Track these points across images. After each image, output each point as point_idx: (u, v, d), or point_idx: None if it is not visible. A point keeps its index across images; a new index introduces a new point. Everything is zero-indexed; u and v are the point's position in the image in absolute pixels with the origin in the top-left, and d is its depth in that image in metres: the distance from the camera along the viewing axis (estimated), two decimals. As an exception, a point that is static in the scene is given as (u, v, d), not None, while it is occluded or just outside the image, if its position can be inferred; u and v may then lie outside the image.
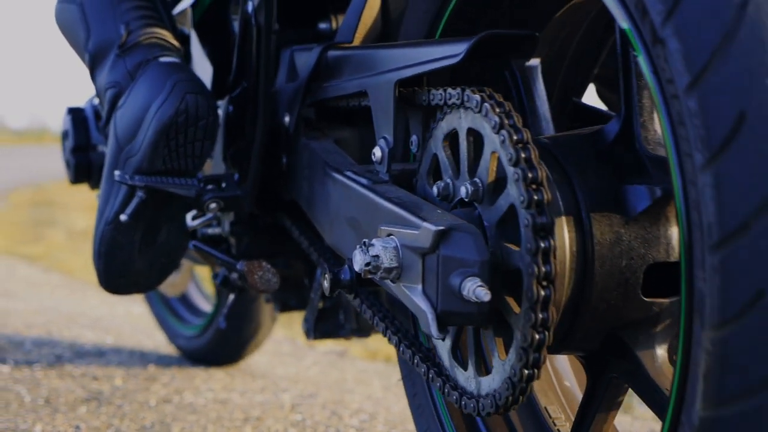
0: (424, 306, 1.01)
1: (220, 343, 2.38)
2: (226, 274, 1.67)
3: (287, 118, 1.48)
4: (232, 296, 1.77)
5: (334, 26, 1.64)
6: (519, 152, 0.94)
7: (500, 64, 1.11)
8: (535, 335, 0.93)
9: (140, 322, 3.11)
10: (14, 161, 15.45)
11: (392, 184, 1.19)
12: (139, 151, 1.52)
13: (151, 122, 1.49)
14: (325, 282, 1.17)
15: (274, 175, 1.54)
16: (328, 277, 1.17)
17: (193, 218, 1.66)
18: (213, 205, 1.55)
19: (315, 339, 1.57)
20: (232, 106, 1.62)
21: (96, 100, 2.00)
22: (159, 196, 1.55)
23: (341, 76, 1.36)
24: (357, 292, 1.25)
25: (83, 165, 1.97)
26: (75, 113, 2.01)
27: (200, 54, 1.76)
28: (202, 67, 1.74)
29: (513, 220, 0.97)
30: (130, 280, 1.62)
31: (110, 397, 2.12)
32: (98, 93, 1.64)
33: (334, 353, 2.86)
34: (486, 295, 0.95)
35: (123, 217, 1.54)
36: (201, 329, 2.43)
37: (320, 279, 1.54)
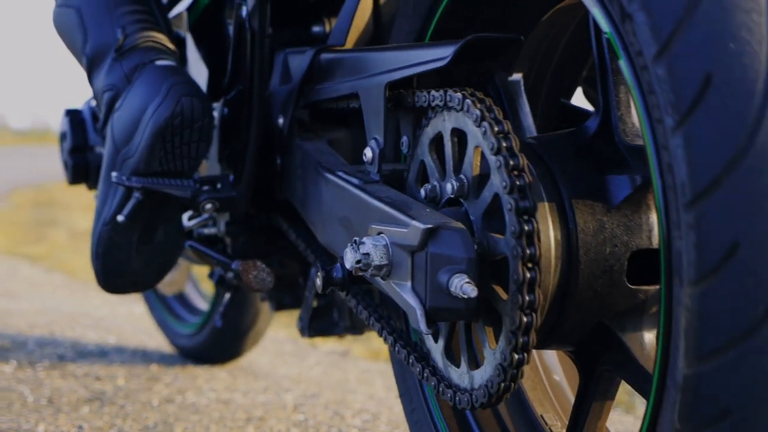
0: (414, 302, 1.04)
1: (217, 342, 2.40)
2: (222, 273, 1.70)
3: (281, 120, 1.51)
4: (228, 295, 1.80)
5: (328, 29, 1.66)
6: (500, 141, 0.97)
7: (486, 73, 1.14)
8: (523, 318, 0.95)
9: (142, 322, 3.12)
10: (16, 161, 15.39)
11: (383, 184, 1.21)
12: (135, 152, 1.54)
13: (147, 124, 1.52)
14: (317, 280, 1.20)
15: (268, 175, 1.56)
16: (320, 275, 1.20)
17: (190, 218, 1.68)
18: (208, 206, 1.57)
19: (310, 337, 1.60)
20: (227, 109, 1.65)
21: (93, 102, 2.03)
22: (155, 197, 1.57)
23: (333, 79, 1.39)
24: (349, 289, 1.27)
25: (81, 166, 1.99)
26: (73, 115, 2.03)
27: (196, 57, 1.78)
28: (198, 70, 1.77)
29: (498, 211, 1.00)
30: (128, 280, 1.64)
31: (113, 397, 2.13)
32: (95, 96, 1.67)
33: (336, 353, 2.86)
34: (473, 291, 0.98)
35: (120, 218, 1.57)
36: (198, 328, 2.45)
37: (313, 277, 1.56)
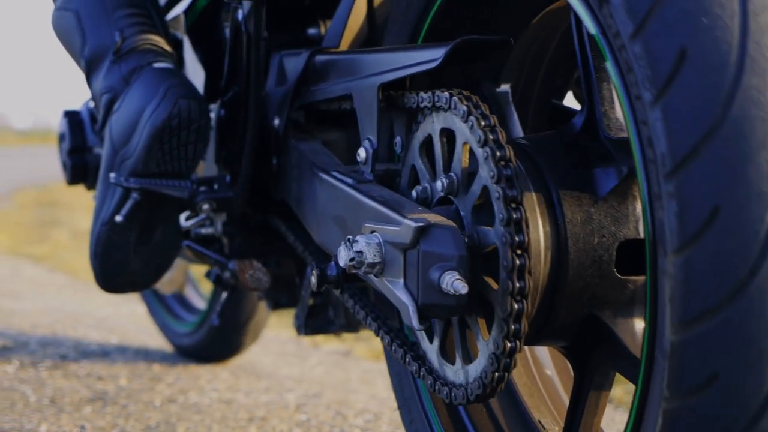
0: (406, 299, 1.06)
1: (214, 340, 2.42)
2: (219, 272, 1.72)
3: (277, 121, 1.53)
4: (225, 294, 1.82)
5: (323, 31, 1.69)
6: (487, 134, 1.00)
7: (478, 75, 1.17)
8: (514, 305, 0.97)
9: (145, 322, 3.12)
10: (18, 162, 15.38)
11: (376, 184, 1.24)
12: (133, 154, 1.56)
13: (145, 126, 1.54)
14: (312, 278, 1.22)
15: (264, 176, 1.58)
16: (315, 273, 1.22)
17: (187, 219, 1.70)
18: (205, 206, 1.60)
19: (306, 335, 1.62)
20: (223, 110, 1.67)
21: (92, 103, 2.05)
22: (153, 197, 1.60)
23: (328, 80, 1.41)
24: (343, 287, 1.30)
25: (80, 166, 2.01)
26: (71, 116, 2.05)
27: (193, 59, 1.80)
28: (195, 72, 1.79)
29: (487, 204, 1.02)
30: (126, 279, 1.66)
31: (115, 397, 2.13)
32: (94, 97, 1.69)
33: (338, 353, 2.85)
34: (463, 287, 1.00)
35: (118, 218, 1.59)
36: (195, 326, 2.47)
37: (309, 276, 1.59)
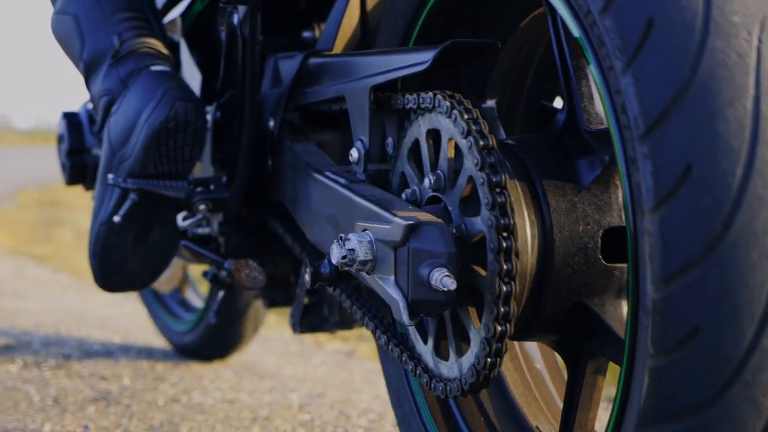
0: (396, 295, 1.09)
1: (211, 338, 2.45)
2: (216, 272, 1.75)
3: (272, 123, 1.56)
4: (221, 293, 1.85)
5: (317, 34, 1.71)
6: (470, 125, 1.04)
7: (466, 77, 1.20)
8: (503, 286, 1.00)
9: (147, 322, 3.11)
10: (21, 162, 15.33)
11: (368, 183, 1.27)
12: (131, 155, 1.59)
13: (142, 128, 1.57)
14: (306, 275, 1.25)
15: (260, 177, 1.61)
16: (308, 270, 1.25)
17: (184, 219, 1.73)
18: (202, 207, 1.62)
19: (301, 333, 1.64)
20: (219, 113, 1.70)
21: (90, 105, 2.07)
22: (151, 198, 1.62)
23: (322, 82, 1.44)
24: (336, 284, 1.33)
25: (78, 167, 2.03)
26: (70, 117, 2.07)
27: (189, 62, 1.83)
28: (192, 74, 1.81)
29: (473, 196, 1.05)
30: (125, 279, 1.69)
31: (119, 397, 2.14)
32: (93, 100, 1.72)
33: (341, 353, 2.85)
34: (452, 284, 1.03)
35: (116, 219, 1.62)
36: (192, 325, 2.49)
37: (303, 274, 1.61)
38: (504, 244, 1.00)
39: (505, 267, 1.00)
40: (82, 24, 1.74)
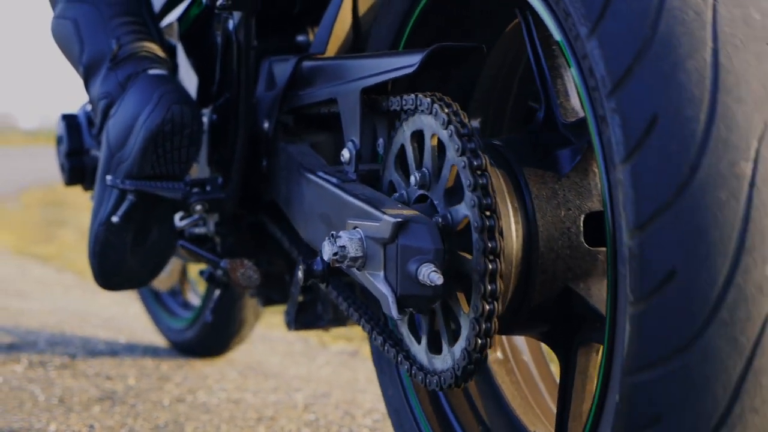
0: (386, 291, 1.12)
1: (207, 336, 2.48)
2: (212, 271, 1.78)
3: (266, 124, 1.59)
4: (217, 292, 1.88)
5: (311, 38, 1.75)
6: (450, 116, 1.08)
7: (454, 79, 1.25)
8: (488, 264, 1.04)
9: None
10: (25, 162, 15.22)
11: (359, 183, 1.30)
12: (129, 157, 1.63)
13: (140, 131, 1.60)
14: (299, 272, 1.28)
15: (255, 178, 1.64)
16: (301, 267, 1.28)
17: (181, 219, 1.77)
18: (198, 207, 1.66)
19: (296, 330, 1.67)
20: (215, 115, 1.73)
21: (89, 107, 2.10)
22: (148, 198, 1.66)
23: (315, 85, 1.47)
24: (328, 281, 1.36)
25: (77, 168, 2.06)
26: (69, 119, 2.10)
27: (186, 65, 1.86)
28: (188, 77, 1.85)
29: (457, 186, 1.09)
30: (124, 277, 1.73)
31: (124, 397, 2.15)
32: (92, 102, 1.75)
33: (346, 353, 2.83)
34: (439, 278, 1.07)
35: (114, 219, 1.65)
36: (189, 322, 2.53)
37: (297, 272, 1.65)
38: (487, 222, 1.04)
39: (489, 245, 1.04)
40: (81, 28, 1.77)
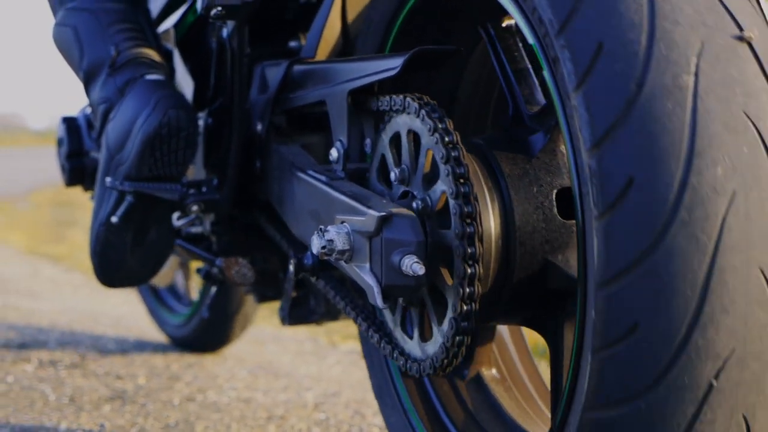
0: (371, 281, 1.18)
1: (204, 331, 2.54)
2: (209, 269, 1.84)
3: (260, 127, 1.65)
4: (214, 288, 1.94)
5: (303, 43, 1.81)
6: (429, 112, 1.16)
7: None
8: (467, 227, 1.10)
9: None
10: (35, 162, 15.08)
11: (346, 180, 1.36)
12: (127, 159, 1.68)
13: (137, 134, 1.66)
14: (290, 266, 1.35)
15: (249, 178, 1.70)
16: (293, 262, 1.35)
17: (178, 219, 1.83)
18: (195, 207, 1.71)
19: (290, 324, 1.73)
20: (211, 119, 1.79)
21: (88, 110, 2.16)
22: (146, 199, 1.71)
23: (305, 88, 1.53)
24: (318, 274, 1.42)
25: (77, 169, 2.10)
26: (69, 122, 2.15)
27: (182, 69, 1.92)
28: (185, 82, 1.91)
29: (434, 170, 1.16)
30: (124, 275, 1.79)
31: (134, 396, 2.16)
32: (92, 106, 1.81)
33: (356, 353, 2.82)
34: (421, 269, 1.13)
35: (114, 219, 1.71)
36: (186, 318, 2.58)
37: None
38: (462, 189, 1.10)
39: (466, 210, 1.10)
40: (81, 35, 1.83)
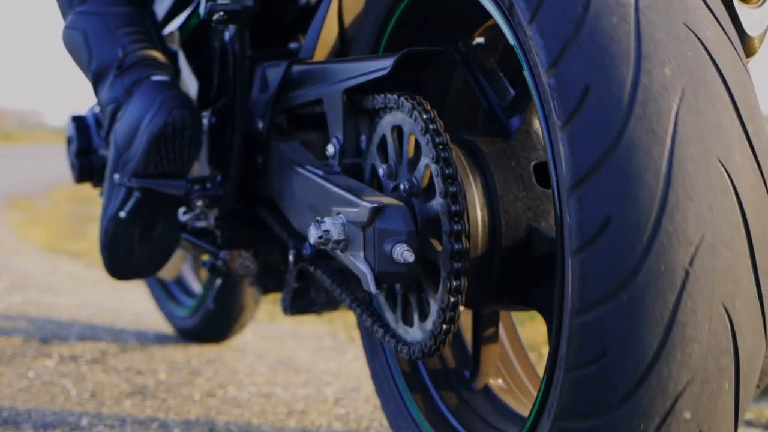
0: (365, 269, 1.25)
1: (210, 322, 2.60)
2: (213, 261, 1.92)
3: (261, 125, 1.73)
4: (219, 281, 2.01)
5: (302, 44, 1.88)
6: (411, 101, 1.25)
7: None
8: (449, 187, 1.18)
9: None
10: (54, 158, 15.00)
11: (342, 174, 1.44)
12: (135, 157, 1.76)
13: (144, 133, 1.73)
14: (290, 257, 1.42)
15: (251, 174, 1.78)
16: (292, 252, 1.42)
17: (184, 213, 1.90)
18: (199, 203, 1.79)
19: (292, 314, 1.80)
20: (214, 117, 1.87)
21: (96, 109, 2.23)
22: (153, 195, 1.79)
23: (303, 87, 1.61)
24: (316, 264, 1.50)
25: (86, 166, 2.19)
26: (78, 121, 2.22)
27: (187, 70, 2.00)
28: (189, 81, 1.99)
29: (417, 154, 1.24)
30: (132, 268, 1.87)
31: (155, 391, 2.17)
32: (100, 106, 1.88)
33: None
34: (411, 256, 1.20)
35: (122, 214, 1.79)
36: (193, 310, 2.65)
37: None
38: (442, 154, 1.19)
39: (447, 172, 1.19)
40: (90, 38, 1.90)
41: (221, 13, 1.61)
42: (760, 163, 0.99)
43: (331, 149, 1.47)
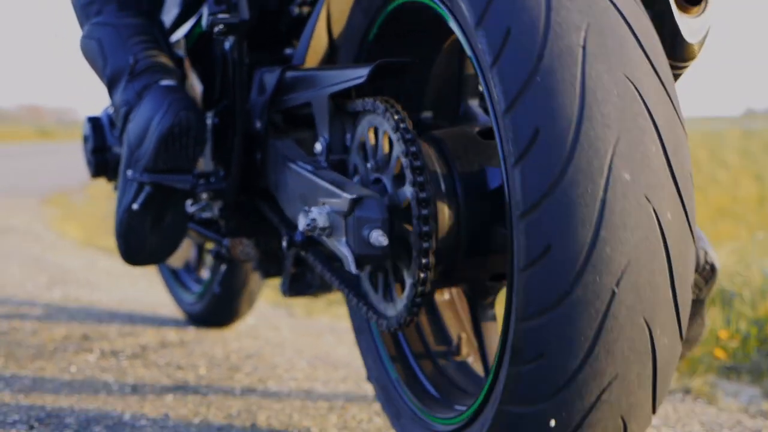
0: (347, 252, 1.43)
1: (216, 306, 2.75)
2: (218, 248, 2.10)
3: (259, 125, 1.89)
4: (223, 267, 2.18)
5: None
6: (383, 102, 1.42)
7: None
8: (417, 177, 1.36)
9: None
10: None
11: (329, 170, 1.62)
12: (145, 154, 1.92)
13: (153, 133, 1.89)
14: (283, 242, 1.60)
15: (251, 169, 1.94)
16: (285, 239, 1.60)
17: (191, 205, 2.08)
18: (204, 195, 1.96)
19: (290, 296, 1.96)
20: (217, 118, 2.03)
21: (110, 110, 2.36)
22: (163, 189, 1.96)
23: (295, 91, 1.77)
24: (306, 249, 1.68)
25: (101, 163, 2.34)
26: (93, 121, 2.37)
27: (193, 75, 2.16)
28: (195, 85, 2.16)
29: (391, 151, 1.43)
30: (144, 255, 2.04)
31: (195, 386, 2.20)
32: (114, 108, 2.04)
33: None
34: (385, 240, 1.39)
35: (135, 207, 1.96)
36: (200, 295, 2.80)
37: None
38: (408, 135, 1.38)
39: (417, 164, 1.38)
40: (105, 46, 2.06)
41: (221, 26, 1.78)
42: (683, 199, 1.14)
43: (318, 147, 1.65)
